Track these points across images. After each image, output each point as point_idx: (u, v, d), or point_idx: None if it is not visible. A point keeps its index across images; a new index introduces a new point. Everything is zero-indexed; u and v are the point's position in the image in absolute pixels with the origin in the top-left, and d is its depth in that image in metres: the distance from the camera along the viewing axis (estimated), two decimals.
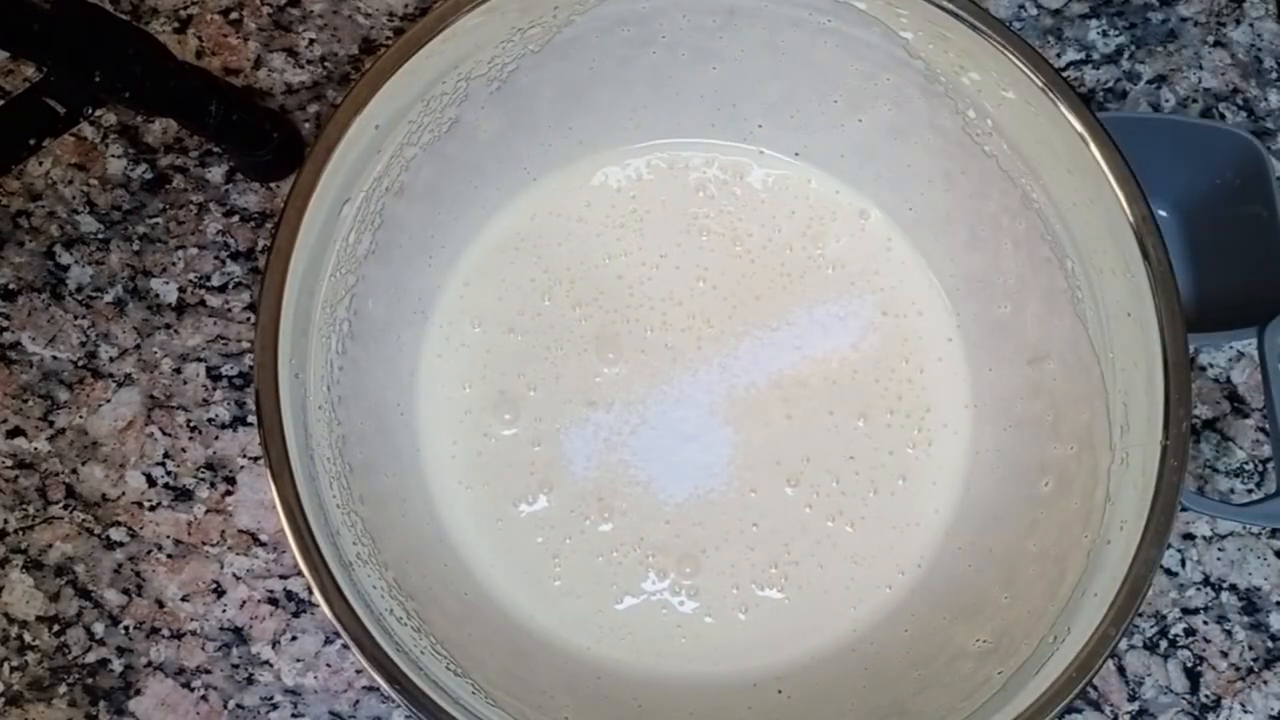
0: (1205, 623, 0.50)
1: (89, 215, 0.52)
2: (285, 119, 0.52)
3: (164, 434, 0.50)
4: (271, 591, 0.49)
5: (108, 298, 0.51)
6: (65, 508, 0.49)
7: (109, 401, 0.50)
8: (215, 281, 0.51)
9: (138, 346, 0.51)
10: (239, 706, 0.48)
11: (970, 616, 0.44)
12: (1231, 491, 0.50)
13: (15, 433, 0.50)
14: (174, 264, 0.51)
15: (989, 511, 0.47)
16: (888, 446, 0.49)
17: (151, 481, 0.49)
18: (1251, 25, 0.54)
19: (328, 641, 0.48)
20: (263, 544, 0.49)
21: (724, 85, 0.49)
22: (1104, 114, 0.49)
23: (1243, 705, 0.49)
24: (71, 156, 0.52)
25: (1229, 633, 0.50)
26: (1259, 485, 0.50)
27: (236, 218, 0.52)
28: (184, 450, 0.50)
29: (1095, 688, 0.49)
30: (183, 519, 0.49)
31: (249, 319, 0.51)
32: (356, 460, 0.44)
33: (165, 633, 0.48)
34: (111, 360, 0.50)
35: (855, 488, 0.48)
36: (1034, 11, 0.54)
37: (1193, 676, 0.49)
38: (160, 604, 0.48)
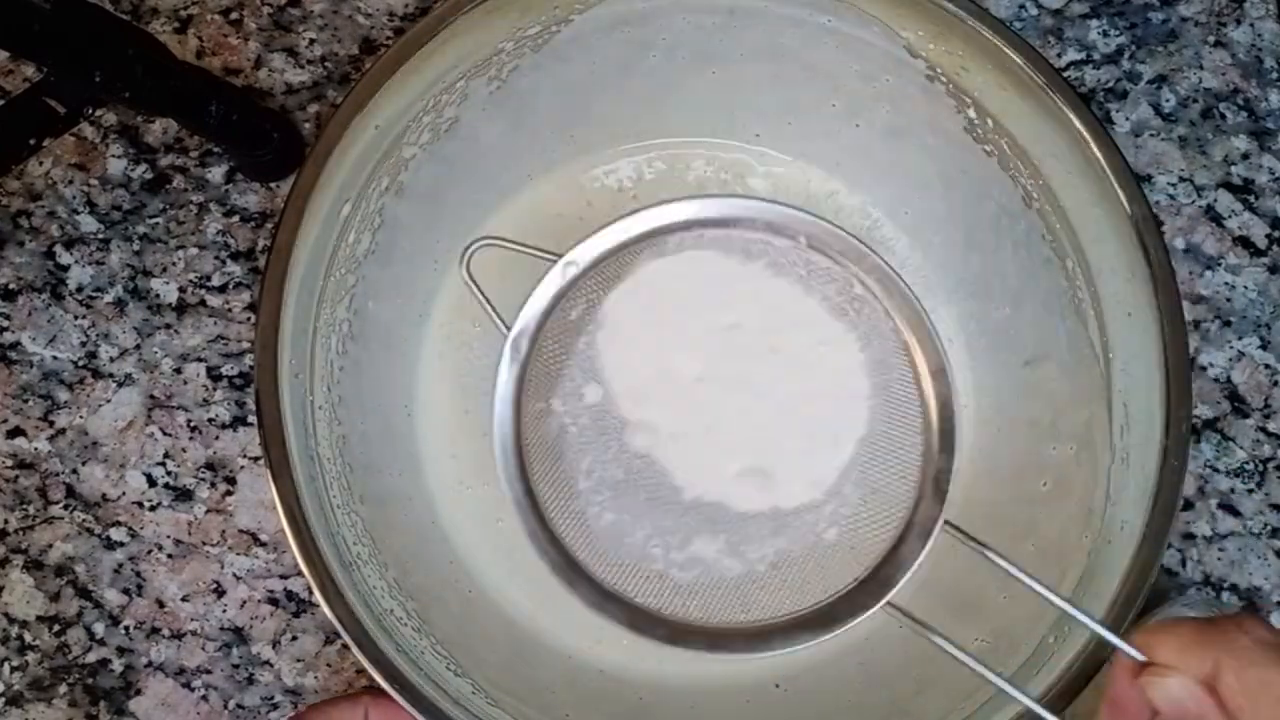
0: None
1: (89, 215, 0.52)
2: (285, 119, 0.52)
3: (164, 434, 0.50)
4: (272, 591, 0.49)
5: (108, 298, 0.51)
6: (65, 508, 0.49)
7: (109, 401, 0.50)
8: (215, 281, 0.51)
9: (138, 346, 0.51)
10: (239, 706, 0.48)
11: (969, 616, 0.44)
12: (1232, 491, 0.50)
13: (15, 433, 0.50)
14: (174, 264, 0.51)
15: (987, 511, 0.47)
16: None
17: (152, 481, 0.49)
18: (1252, 25, 0.54)
19: (328, 641, 0.48)
20: (263, 544, 0.49)
21: (722, 91, 0.49)
22: None
23: None
24: (71, 156, 0.52)
25: None
26: (1259, 485, 0.50)
27: (236, 218, 0.52)
28: (184, 450, 0.50)
29: None
30: (183, 519, 0.49)
31: (249, 319, 0.51)
32: (357, 460, 0.44)
33: (165, 633, 0.48)
34: (112, 360, 0.50)
35: None
36: (1034, 11, 0.54)
37: None
38: (160, 604, 0.48)
